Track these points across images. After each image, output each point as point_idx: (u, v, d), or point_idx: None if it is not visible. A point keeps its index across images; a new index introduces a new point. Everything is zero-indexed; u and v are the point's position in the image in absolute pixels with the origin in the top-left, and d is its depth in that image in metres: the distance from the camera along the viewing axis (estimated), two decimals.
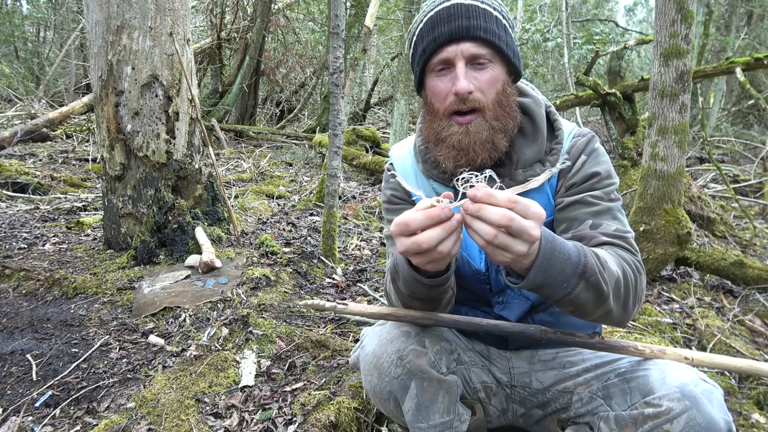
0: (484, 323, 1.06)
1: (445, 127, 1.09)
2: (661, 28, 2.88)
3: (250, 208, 4.41)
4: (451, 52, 1.04)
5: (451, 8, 1.04)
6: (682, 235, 2.88)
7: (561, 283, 0.88)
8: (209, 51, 11.16)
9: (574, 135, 1.17)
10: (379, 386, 1.13)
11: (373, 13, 5.70)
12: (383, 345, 1.13)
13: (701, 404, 0.90)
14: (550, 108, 1.19)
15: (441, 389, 1.10)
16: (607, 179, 1.12)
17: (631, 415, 0.96)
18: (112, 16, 2.89)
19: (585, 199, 1.09)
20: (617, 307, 0.97)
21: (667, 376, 0.96)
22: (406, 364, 1.09)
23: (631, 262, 1.01)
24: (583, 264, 0.89)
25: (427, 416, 1.11)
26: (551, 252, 0.85)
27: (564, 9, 11.02)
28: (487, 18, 1.05)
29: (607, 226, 1.06)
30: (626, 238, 1.06)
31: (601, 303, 0.94)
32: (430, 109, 1.13)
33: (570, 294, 0.89)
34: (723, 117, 11.46)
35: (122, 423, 1.57)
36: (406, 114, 8.10)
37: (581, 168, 1.12)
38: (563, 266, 0.87)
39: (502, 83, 1.08)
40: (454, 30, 1.03)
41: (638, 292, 1.01)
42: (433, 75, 1.10)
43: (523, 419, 1.28)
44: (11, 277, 2.59)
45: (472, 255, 1.21)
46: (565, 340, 1.04)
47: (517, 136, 1.14)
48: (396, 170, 1.28)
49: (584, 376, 1.14)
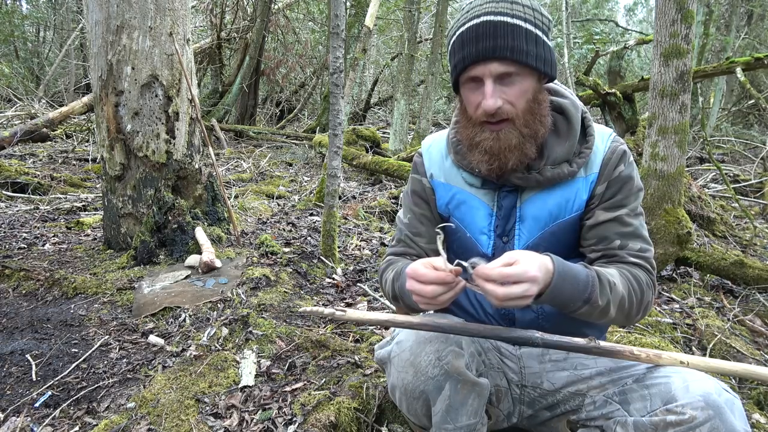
0: (482, 329, 1.07)
1: (477, 133, 1.15)
2: (661, 28, 2.87)
3: (250, 208, 4.41)
4: (479, 71, 1.09)
5: (480, 27, 1.07)
6: (682, 235, 2.88)
7: (567, 304, 1.05)
8: (209, 51, 11.17)
9: (613, 139, 1.22)
10: (413, 384, 1.13)
11: (373, 13, 5.70)
12: (421, 344, 1.14)
13: (724, 414, 0.91)
14: (586, 113, 1.23)
15: (473, 392, 1.12)
16: (639, 191, 1.22)
17: (652, 421, 0.97)
18: (112, 16, 2.89)
19: (620, 219, 1.18)
20: (620, 317, 1.12)
21: (690, 384, 0.97)
22: (444, 365, 1.10)
23: (643, 281, 1.14)
24: (590, 293, 1.04)
25: (455, 418, 1.12)
26: (562, 284, 1.02)
27: (564, 9, 11.02)
28: (515, 35, 1.06)
29: (633, 246, 1.18)
30: (647, 258, 1.18)
31: (603, 317, 1.10)
32: (465, 114, 1.20)
33: (575, 312, 1.07)
34: (723, 117, 11.46)
35: (122, 423, 1.57)
36: (406, 114, 8.10)
37: (619, 178, 1.19)
38: (572, 294, 1.04)
39: (532, 92, 1.11)
40: (481, 51, 1.07)
41: (643, 305, 1.14)
42: (466, 87, 1.15)
43: (528, 420, 1.28)
44: (11, 277, 2.59)
45: (479, 240, 1.24)
46: (561, 344, 1.04)
47: (551, 134, 1.18)
48: (424, 163, 1.37)
49: (598, 379, 1.14)
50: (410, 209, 1.38)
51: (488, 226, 1.23)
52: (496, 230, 1.23)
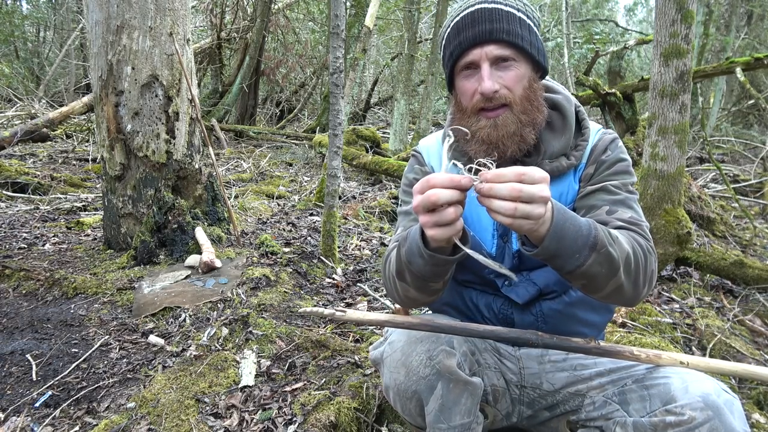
0: (481, 329, 1.06)
1: (473, 123, 1.13)
2: (661, 28, 2.87)
3: (250, 208, 4.41)
4: (476, 54, 1.09)
5: (475, 13, 1.09)
6: (682, 235, 2.88)
7: (573, 253, 0.92)
8: (209, 51, 11.16)
9: (602, 132, 1.24)
10: (405, 384, 1.13)
11: (373, 13, 5.70)
12: (413, 343, 1.13)
13: (724, 415, 0.91)
14: (579, 108, 1.24)
15: (466, 391, 1.11)
16: (627, 173, 1.18)
17: (651, 422, 0.97)
18: (112, 16, 2.89)
19: (606, 188, 1.14)
20: (628, 283, 1.00)
21: (690, 385, 0.97)
22: (435, 364, 1.10)
23: (642, 244, 1.05)
24: (594, 236, 0.93)
25: (449, 417, 1.11)
26: (563, 222, 0.91)
27: (564, 9, 11.02)
28: (510, 20, 1.09)
29: (623, 213, 1.11)
30: (640, 225, 1.10)
31: (612, 276, 0.96)
32: (459, 108, 1.18)
33: (582, 265, 0.93)
34: (723, 117, 11.46)
35: (122, 423, 1.57)
36: (406, 114, 8.09)
37: (606, 160, 1.18)
38: (575, 236, 0.91)
39: (528, 79, 1.12)
40: (478, 34, 1.08)
41: (648, 271, 1.04)
42: (461, 76, 1.15)
43: (527, 420, 1.28)
44: (11, 277, 2.59)
45: (484, 239, 1.23)
46: (560, 344, 1.04)
47: (546, 130, 1.19)
48: (424, 157, 1.35)
49: (598, 380, 1.14)
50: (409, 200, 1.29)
51: (493, 224, 1.22)
52: (498, 230, 1.22)
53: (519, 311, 1.24)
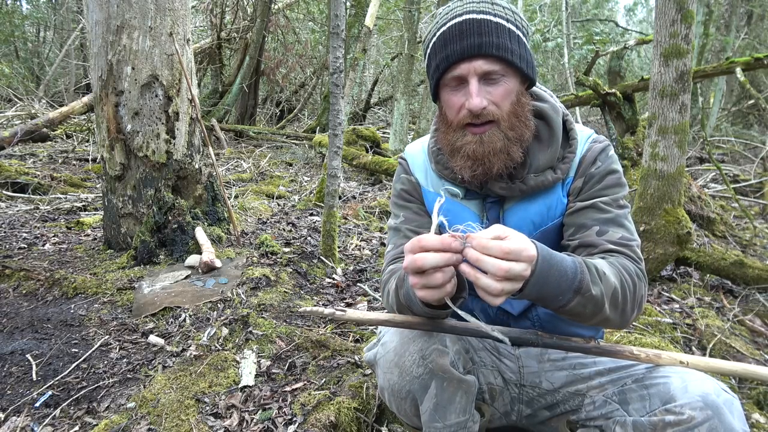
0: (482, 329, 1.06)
1: (459, 138, 1.11)
2: (661, 28, 2.87)
3: (250, 208, 4.41)
4: (464, 69, 1.05)
5: (463, 24, 1.04)
6: (682, 235, 2.88)
7: (557, 296, 0.94)
8: (209, 51, 11.16)
9: (592, 140, 1.20)
10: (399, 385, 1.13)
11: (373, 13, 5.70)
12: (405, 344, 1.13)
13: (723, 414, 0.91)
14: (567, 116, 1.20)
15: (460, 389, 1.11)
16: (618, 186, 1.16)
17: (651, 421, 0.97)
18: (112, 16, 2.89)
19: (596, 205, 1.12)
20: (614, 315, 1.02)
21: (689, 384, 0.97)
22: (428, 363, 1.09)
23: (632, 271, 1.05)
24: (579, 280, 0.95)
25: (444, 416, 1.11)
26: (547, 270, 0.91)
27: (564, 9, 11.03)
28: (499, 33, 1.04)
29: (613, 234, 1.10)
30: (631, 246, 1.09)
31: (597, 312, 0.99)
32: (444, 120, 1.16)
33: (565, 306, 0.96)
34: (723, 117, 11.46)
35: (122, 423, 1.57)
36: (406, 114, 8.10)
37: (595, 173, 1.15)
38: (558, 281, 0.93)
39: (516, 94, 1.09)
40: (466, 48, 1.04)
41: (637, 299, 1.05)
42: (447, 89, 1.11)
43: (527, 419, 1.28)
44: (11, 277, 2.59)
45: None
46: (560, 344, 1.04)
47: (533, 141, 1.15)
48: (409, 166, 1.32)
49: (598, 379, 1.14)
50: (403, 207, 1.32)
51: None
52: None
53: (515, 318, 1.24)
